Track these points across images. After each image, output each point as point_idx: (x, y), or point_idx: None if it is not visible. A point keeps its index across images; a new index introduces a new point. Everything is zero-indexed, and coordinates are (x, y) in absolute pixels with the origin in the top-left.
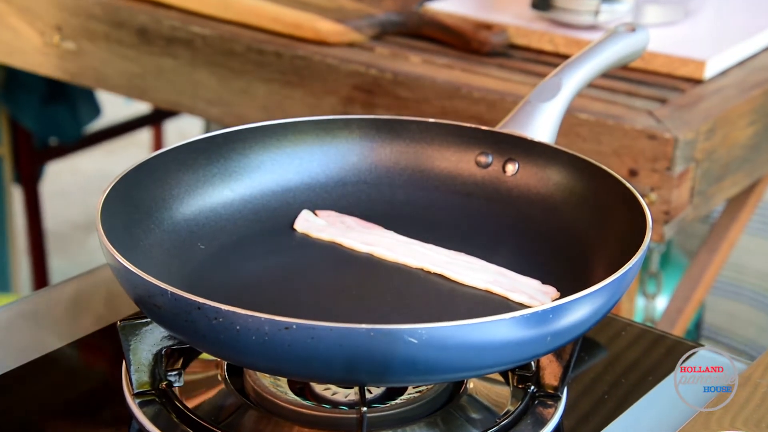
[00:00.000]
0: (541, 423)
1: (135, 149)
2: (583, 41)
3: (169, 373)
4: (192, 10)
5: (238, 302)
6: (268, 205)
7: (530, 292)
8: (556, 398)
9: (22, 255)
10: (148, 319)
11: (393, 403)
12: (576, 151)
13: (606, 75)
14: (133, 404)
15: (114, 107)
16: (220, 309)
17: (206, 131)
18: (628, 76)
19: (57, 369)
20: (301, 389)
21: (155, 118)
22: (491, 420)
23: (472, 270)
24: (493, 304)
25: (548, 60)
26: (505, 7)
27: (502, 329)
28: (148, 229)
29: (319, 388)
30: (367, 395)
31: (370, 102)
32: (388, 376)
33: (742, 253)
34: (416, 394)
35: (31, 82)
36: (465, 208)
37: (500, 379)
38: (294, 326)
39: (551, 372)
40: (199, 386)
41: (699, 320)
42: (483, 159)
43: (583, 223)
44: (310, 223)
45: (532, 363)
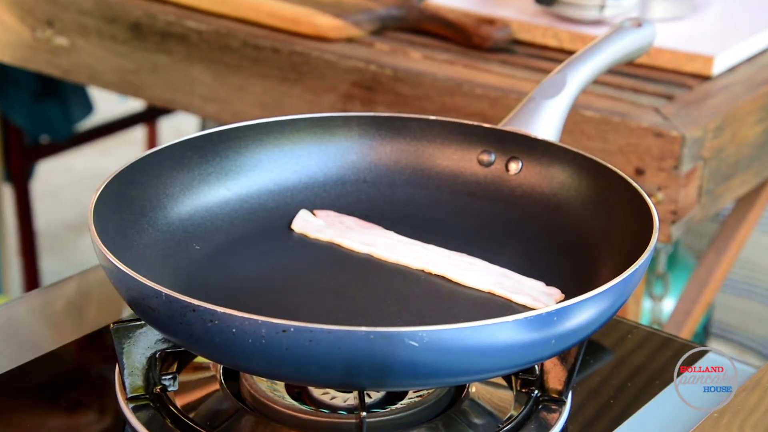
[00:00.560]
0: (545, 428)
1: (128, 147)
2: (588, 36)
3: (164, 377)
4: (187, 5)
5: (234, 304)
6: (265, 205)
7: (534, 294)
8: (561, 403)
9: (12, 256)
10: (142, 322)
11: (393, 407)
12: (581, 149)
13: (611, 71)
14: (126, 409)
15: (107, 104)
16: (216, 311)
17: (202, 129)
18: (635, 72)
19: (48, 373)
20: (298, 393)
21: (149, 116)
22: (494, 425)
23: (474, 271)
24: (495, 306)
25: (552, 56)
26: (508, 2)
27: (505, 332)
28: (142, 229)
29: (317, 392)
30: (367, 400)
31: (369, 99)
32: (388, 380)
33: (755, 250)
34: (417, 399)
35: (21, 79)
36: (467, 208)
37: (503, 383)
38: (291, 329)
39: (555, 376)
40: (195, 390)
41: (707, 322)
42: (485, 157)
43: (588, 223)
44: (308, 223)
45: (536, 367)
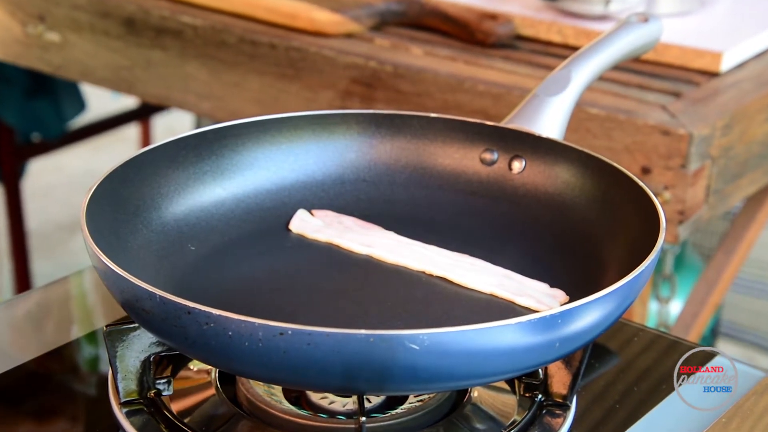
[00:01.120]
0: None
1: (122, 146)
2: (593, 32)
3: (158, 381)
4: (182, 0)
5: (231, 307)
6: (262, 205)
7: (537, 296)
8: (565, 407)
9: (3, 256)
10: (136, 325)
11: (393, 412)
12: (586, 147)
13: (617, 68)
14: (119, 414)
15: (100, 101)
16: (211, 314)
17: (197, 127)
18: (641, 68)
19: (39, 377)
20: (296, 398)
21: (143, 113)
22: (497, 430)
23: (477, 272)
24: (498, 308)
25: (556, 52)
26: None
27: (508, 335)
28: (135, 229)
29: (315, 397)
30: (366, 404)
31: (369, 96)
32: (388, 384)
33: (765, 249)
34: (418, 404)
35: (12, 75)
36: (469, 208)
37: (506, 387)
38: (289, 332)
39: (560, 380)
40: (190, 395)
41: (715, 325)
42: (488, 156)
43: (593, 223)
44: (306, 224)
45: (540, 370)
